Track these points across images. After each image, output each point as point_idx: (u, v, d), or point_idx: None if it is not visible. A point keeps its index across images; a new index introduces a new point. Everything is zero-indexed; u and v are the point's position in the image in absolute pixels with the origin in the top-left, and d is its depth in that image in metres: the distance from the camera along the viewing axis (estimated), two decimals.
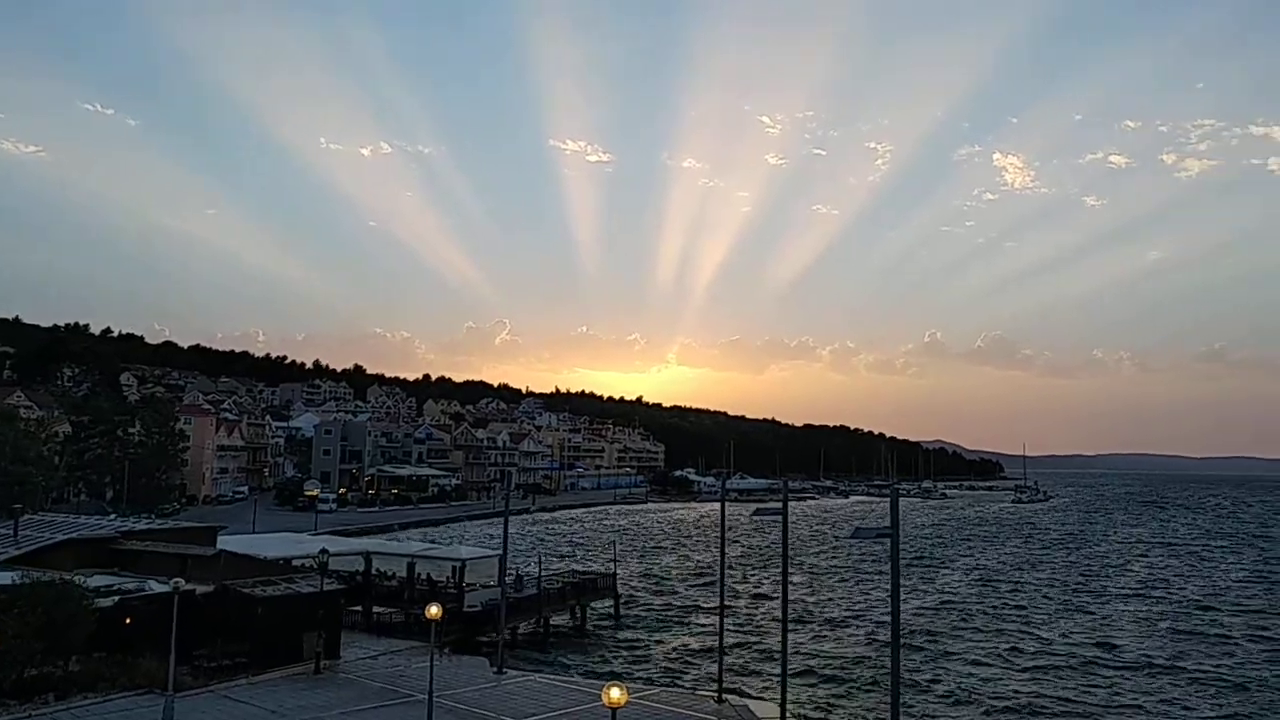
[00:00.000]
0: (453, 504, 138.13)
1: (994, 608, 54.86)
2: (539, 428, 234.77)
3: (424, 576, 43.88)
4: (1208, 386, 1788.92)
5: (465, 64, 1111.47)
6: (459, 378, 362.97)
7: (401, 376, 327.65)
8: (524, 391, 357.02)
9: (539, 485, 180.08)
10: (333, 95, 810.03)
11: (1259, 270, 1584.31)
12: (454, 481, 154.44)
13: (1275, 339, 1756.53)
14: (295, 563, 40.84)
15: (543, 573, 47.35)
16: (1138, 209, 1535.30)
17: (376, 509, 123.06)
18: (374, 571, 45.03)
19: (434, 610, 26.31)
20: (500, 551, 39.33)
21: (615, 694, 17.95)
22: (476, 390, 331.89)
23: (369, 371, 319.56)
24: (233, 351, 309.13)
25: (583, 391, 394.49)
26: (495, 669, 33.09)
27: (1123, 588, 64.64)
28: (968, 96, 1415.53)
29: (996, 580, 68.26)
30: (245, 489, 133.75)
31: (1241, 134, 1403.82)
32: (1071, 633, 47.42)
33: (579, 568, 58.85)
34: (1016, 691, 35.51)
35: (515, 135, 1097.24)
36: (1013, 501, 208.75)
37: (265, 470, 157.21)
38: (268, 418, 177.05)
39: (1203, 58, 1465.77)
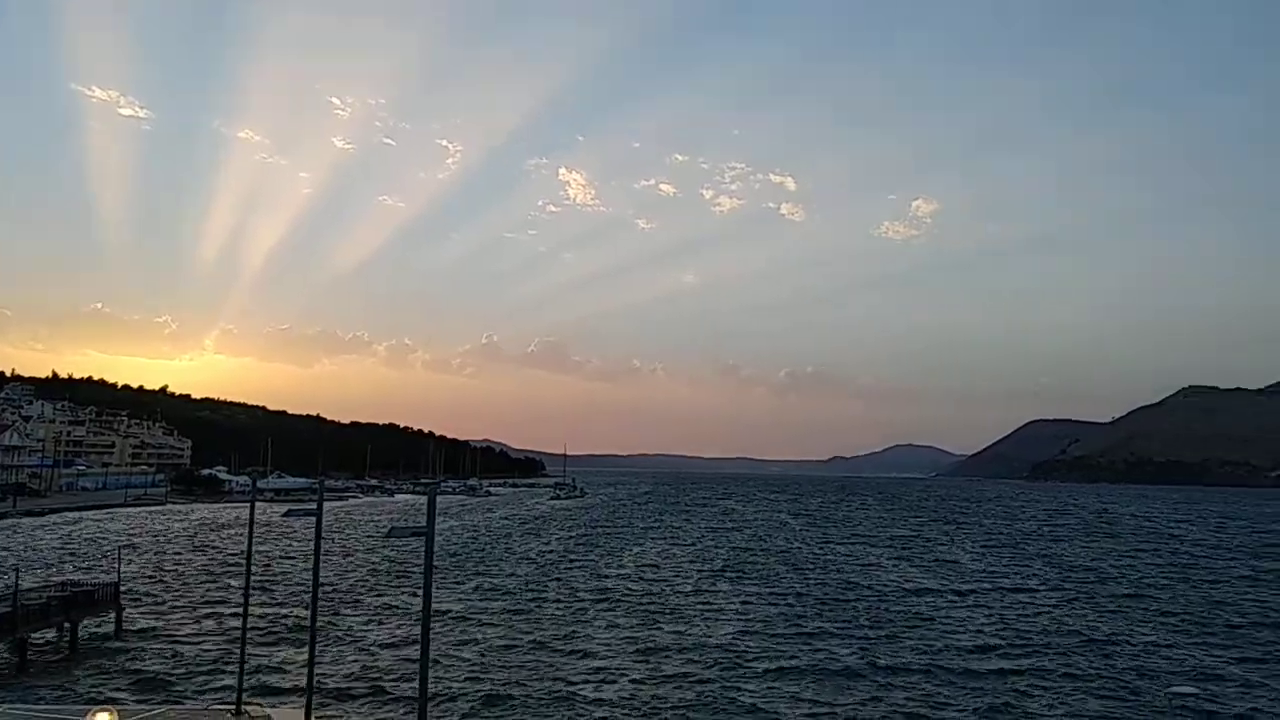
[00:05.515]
0: None
1: (512, 610, 57.20)
2: (28, 418, 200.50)
3: None
4: (721, 398, 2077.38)
5: None
6: None
7: None
8: (9, 375, 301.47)
9: (24, 485, 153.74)
10: None
11: (765, 301, 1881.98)
12: None
13: (770, 362, 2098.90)
14: None
15: (20, 585, 39.90)
16: (681, 236, 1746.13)
17: None
18: None
19: None
20: None
21: (103, 719, 15.66)
22: None
23: None
24: None
25: (90, 378, 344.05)
26: None
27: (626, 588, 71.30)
28: (540, 109, 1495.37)
29: (513, 583, 71.78)
30: None
31: (764, 179, 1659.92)
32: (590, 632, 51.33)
33: (72, 578, 50.81)
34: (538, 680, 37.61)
35: (23, 72, 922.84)
36: (551, 498, 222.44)
37: None
38: None
39: (741, 106, 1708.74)
